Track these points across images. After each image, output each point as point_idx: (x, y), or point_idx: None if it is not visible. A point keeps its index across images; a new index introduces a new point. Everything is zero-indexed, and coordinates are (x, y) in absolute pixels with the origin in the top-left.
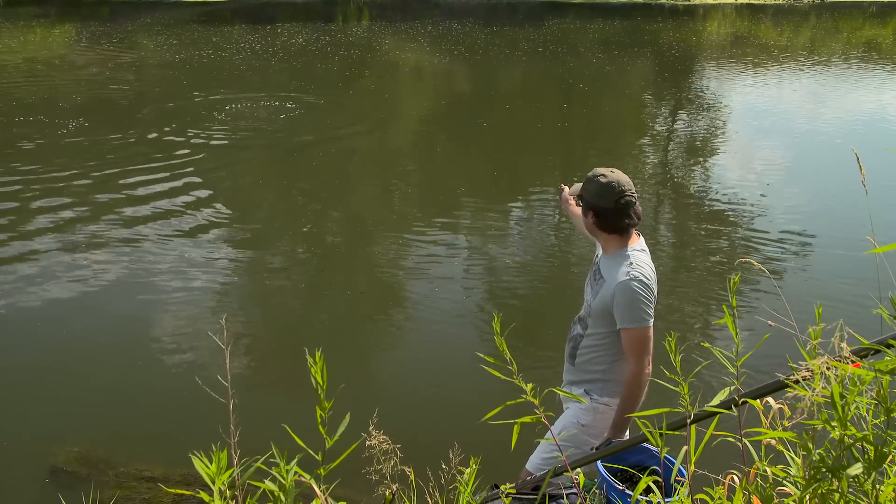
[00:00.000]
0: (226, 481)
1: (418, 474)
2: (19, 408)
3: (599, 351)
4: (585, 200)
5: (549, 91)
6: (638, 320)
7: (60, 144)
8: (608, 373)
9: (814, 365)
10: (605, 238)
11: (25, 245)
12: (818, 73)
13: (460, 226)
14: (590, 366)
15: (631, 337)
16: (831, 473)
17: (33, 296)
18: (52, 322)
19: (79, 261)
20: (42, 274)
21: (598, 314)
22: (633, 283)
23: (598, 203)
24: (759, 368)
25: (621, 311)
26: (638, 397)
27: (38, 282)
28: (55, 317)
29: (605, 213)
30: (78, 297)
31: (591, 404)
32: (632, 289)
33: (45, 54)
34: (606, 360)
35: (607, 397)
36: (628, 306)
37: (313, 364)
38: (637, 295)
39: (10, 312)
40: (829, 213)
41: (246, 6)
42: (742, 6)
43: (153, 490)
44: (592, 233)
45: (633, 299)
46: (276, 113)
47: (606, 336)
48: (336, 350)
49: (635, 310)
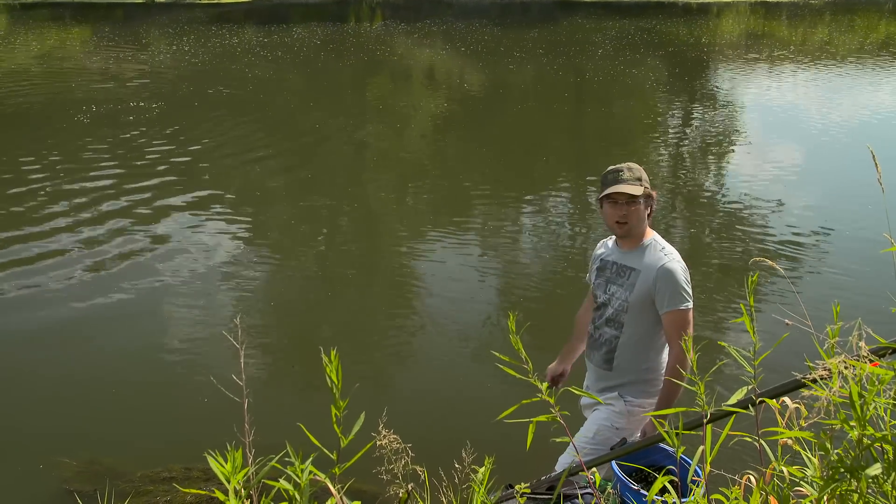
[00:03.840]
0: (241, 480)
1: (431, 473)
2: (32, 410)
3: (640, 347)
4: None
5: (562, 90)
6: (681, 301)
7: (73, 147)
8: (650, 371)
9: (832, 364)
10: (641, 232)
11: (37, 247)
12: (833, 71)
13: (473, 224)
14: (631, 365)
15: (676, 319)
16: (850, 474)
17: (44, 300)
18: (67, 326)
19: (87, 265)
20: (54, 279)
21: (637, 307)
22: (674, 265)
23: (651, 191)
24: (774, 368)
25: (666, 294)
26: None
27: (49, 287)
28: (69, 321)
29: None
30: (90, 299)
31: (625, 407)
32: (673, 270)
33: (61, 56)
34: (648, 357)
35: (642, 398)
36: (672, 288)
37: (328, 363)
38: (679, 276)
39: (20, 316)
40: (845, 212)
41: (259, 7)
42: (756, 4)
43: (171, 492)
44: (639, 227)
45: (675, 281)
46: (288, 113)
47: (647, 330)
48: (349, 349)
49: (680, 291)
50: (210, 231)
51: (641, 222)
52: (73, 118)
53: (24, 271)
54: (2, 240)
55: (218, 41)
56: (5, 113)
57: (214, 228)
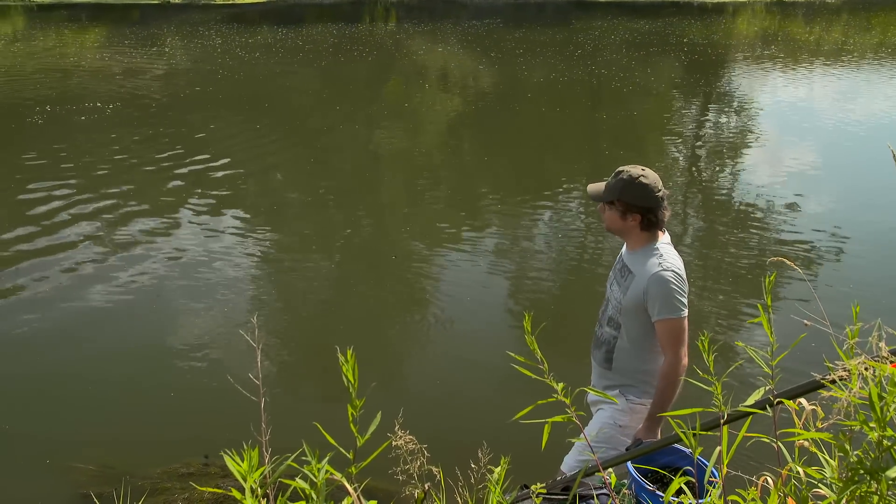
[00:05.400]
0: (257, 479)
1: (447, 474)
2: (47, 412)
3: (637, 350)
4: (627, 204)
5: (577, 91)
6: (673, 311)
7: (88, 146)
8: (648, 373)
9: (851, 365)
10: (637, 235)
11: (53, 247)
12: (850, 71)
13: (487, 225)
14: (629, 366)
15: (667, 328)
16: (870, 475)
17: (65, 297)
18: (84, 326)
19: (107, 263)
20: (71, 277)
21: (630, 310)
22: (665, 274)
23: (645, 204)
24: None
25: (656, 302)
26: (674, 390)
27: (60, 288)
28: (86, 321)
29: (651, 213)
30: (107, 298)
31: (627, 405)
32: (665, 279)
33: (78, 56)
34: (645, 359)
35: (645, 398)
36: (663, 297)
37: (345, 362)
38: (670, 285)
39: (40, 318)
40: (864, 211)
41: (274, 8)
42: (772, 3)
43: (189, 489)
44: (625, 232)
45: (667, 290)
46: (302, 114)
47: (642, 333)
48: (364, 349)
49: (670, 300)
50: (224, 231)
51: (617, 226)
52: (85, 117)
53: (35, 273)
54: (22, 240)
55: (233, 40)
56: (18, 112)
57: (229, 229)
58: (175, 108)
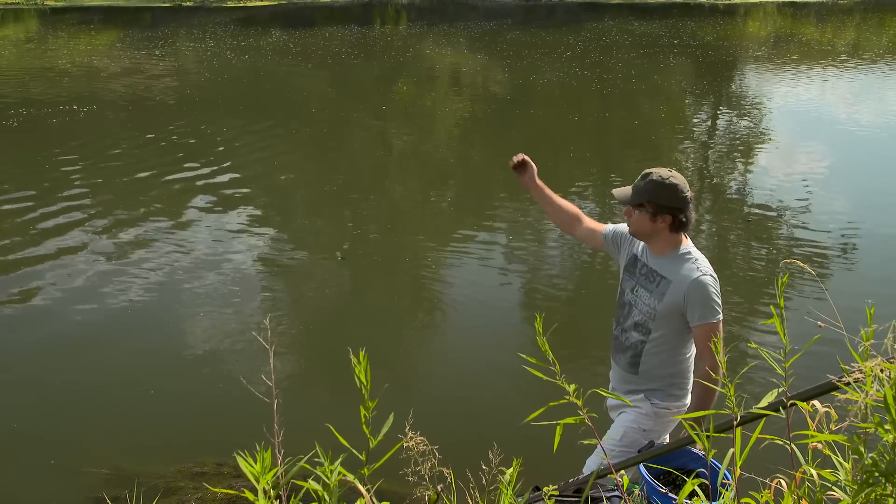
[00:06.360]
0: (270, 480)
1: (458, 475)
2: (59, 417)
3: (668, 354)
4: (658, 205)
5: (588, 92)
6: (714, 314)
7: (100, 146)
8: (676, 376)
9: (866, 367)
10: (665, 238)
11: (64, 250)
12: (862, 72)
13: (499, 226)
14: (658, 371)
15: (707, 331)
16: (885, 478)
17: (75, 301)
18: (95, 329)
19: (115, 268)
20: (80, 280)
21: (665, 316)
22: (705, 279)
23: (676, 205)
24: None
25: (697, 307)
26: (715, 392)
27: (77, 288)
28: (97, 324)
29: (682, 216)
30: (117, 301)
31: (652, 409)
32: (704, 283)
33: (91, 58)
34: (676, 363)
35: (669, 402)
36: (703, 302)
37: (357, 364)
38: (710, 289)
39: (51, 322)
40: (877, 212)
41: (284, 10)
42: (784, 4)
43: (201, 490)
44: (653, 234)
45: (706, 295)
46: (314, 115)
47: (675, 337)
48: (376, 350)
49: (711, 304)
50: (236, 233)
51: (646, 228)
52: (98, 119)
53: (46, 277)
54: (33, 242)
55: (244, 43)
56: (35, 116)
57: (239, 230)
58: (185, 109)
